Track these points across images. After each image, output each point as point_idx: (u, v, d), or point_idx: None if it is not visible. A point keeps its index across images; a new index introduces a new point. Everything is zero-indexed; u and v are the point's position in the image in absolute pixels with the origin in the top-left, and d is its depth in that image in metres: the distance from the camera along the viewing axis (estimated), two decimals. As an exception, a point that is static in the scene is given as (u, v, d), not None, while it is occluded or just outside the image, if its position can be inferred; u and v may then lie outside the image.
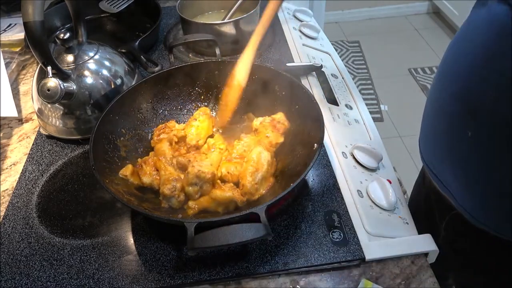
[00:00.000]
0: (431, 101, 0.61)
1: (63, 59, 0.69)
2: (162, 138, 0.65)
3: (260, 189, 0.58)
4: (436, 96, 0.59)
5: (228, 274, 0.53)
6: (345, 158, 0.67)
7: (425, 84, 2.38)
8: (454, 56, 0.55)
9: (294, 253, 0.54)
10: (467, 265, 0.67)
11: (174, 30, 1.05)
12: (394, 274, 0.52)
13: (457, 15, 2.64)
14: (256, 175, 0.58)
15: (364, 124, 0.77)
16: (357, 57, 2.64)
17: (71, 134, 0.73)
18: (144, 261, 0.55)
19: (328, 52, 0.97)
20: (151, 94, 0.70)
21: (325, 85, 0.83)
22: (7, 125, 0.81)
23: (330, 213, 0.59)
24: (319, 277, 0.53)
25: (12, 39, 0.96)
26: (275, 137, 0.64)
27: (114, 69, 0.74)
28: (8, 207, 0.63)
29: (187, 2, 0.97)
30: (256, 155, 0.60)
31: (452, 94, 0.54)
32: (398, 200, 0.61)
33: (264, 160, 0.59)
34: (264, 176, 0.59)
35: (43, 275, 0.54)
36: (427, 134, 0.64)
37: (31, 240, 0.58)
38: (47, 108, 0.72)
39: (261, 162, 0.59)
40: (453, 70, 0.54)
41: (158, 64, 0.85)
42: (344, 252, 0.53)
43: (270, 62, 0.91)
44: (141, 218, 0.60)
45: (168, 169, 0.60)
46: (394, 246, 0.54)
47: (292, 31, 1.00)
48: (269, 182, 0.60)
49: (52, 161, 0.71)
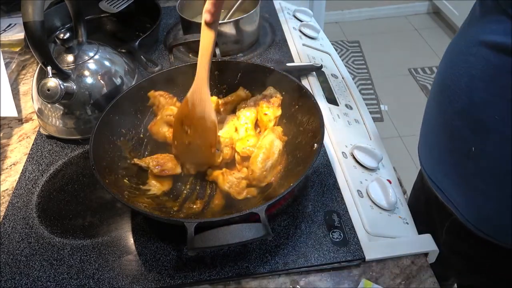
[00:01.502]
0: (433, 114, 0.61)
1: (63, 59, 0.69)
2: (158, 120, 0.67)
3: (268, 177, 0.59)
4: (439, 110, 0.59)
5: (228, 274, 0.53)
6: (345, 158, 0.67)
7: (425, 84, 2.38)
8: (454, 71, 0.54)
9: (294, 253, 0.54)
10: (468, 267, 0.67)
11: (174, 30, 1.05)
12: (394, 274, 0.52)
13: (457, 15, 2.64)
14: (266, 163, 0.59)
15: (364, 124, 0.77)
16: (357, 57, 2.64)
17: (71, 134, 0.73)
18: (144, 261, 0.55)
19: (328, 52, 0.97)
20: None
21: (325, 85, 0.83)
22: (7, 125, 0.81)
23: (330, 213, 0.59)
24: (319, 277, 0.53)
25: (12, 39, 0.96)
26: (273, 112, 0.65)
27: (114, 69, 0.74)
28: (8, 207, 0.63)
29: (187, 2, 0.97)
30: (269, 143, 0.60)
31: (455, 110, 0.53)
32: (398, 200, 0.61)
33: (276, 149, 0.60)
34: (274, 164, 0.60)
35: (43, 275, 0.54)
36: (429, 146, 0.63)
37: (31, 240, 0.58)
38: (47, 108, 0.72)
39: (273, 150, 0.60)
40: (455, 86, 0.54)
41: (158, 64, 0.86)
42: (344, 252, 0.53)
43: (270, 62, 0.91)
44: (141, 218, 0.60)
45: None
46: (394, 246, 0.54)
47: (292, 31, 1.00)
48: (277, 171, 0.61)
49: (52, 161, 0.71)
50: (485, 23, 0.49)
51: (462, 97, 0.52)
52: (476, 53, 0.49)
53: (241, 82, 0.71)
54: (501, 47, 0.46)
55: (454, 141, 0.55)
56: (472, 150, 0.51)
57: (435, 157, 0.62)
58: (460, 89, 0.52)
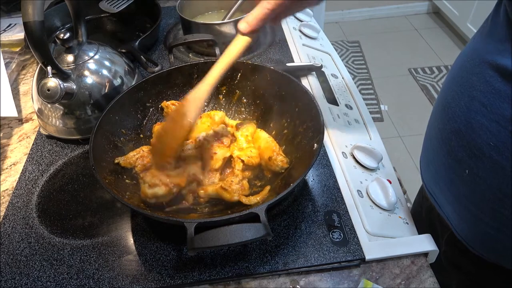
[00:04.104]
0: (433, 130, 0.60)
1: (63, 59, 0.69)
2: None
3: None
4: (438, 126, 0.57)
5: (228, 274, 0.53)
6: (345, 158, 0.67)
7: (425, 84, 2.38)
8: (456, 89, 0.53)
9: (294, 253, 0.54)
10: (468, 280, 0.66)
11: (174, 30, 1.05)
12: (394, 274, 0.52)
13: (457, 15, 2.64)
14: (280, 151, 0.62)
15: (364, 124, 0.77)
16: (357, 57, 2.64)
17: (71, 134, 0.73)
18: (144, 261, 0.55)
19: (328, 52, 0.97)
20: (151, 94, 0.70)
21: (325, 85, 0.83)
22: (7, 125, 0.81)
23: (330, 213, 0.59)
24: (319, 277, 0.53)
25: (12, 39, 0.96)
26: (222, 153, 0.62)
27: (114, 69, 0.74)
28: (8, 207, 0.63)
29: (187, 2, 0.97)
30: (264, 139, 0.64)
31: (453, 130, 0.52)
32: (398, 200, 0.61)
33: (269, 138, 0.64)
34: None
35: (43, 275, 0.54)
36: (428, 161, 0.63)
37: (31, 240, 0.58)
38: (47, 108, 0.72)
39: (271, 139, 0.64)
40: (455, 105, 0.52)
41: (158, 64, 0.86)
42: (344, 252, 0.53)
43: (270, 62, 0.91)
44: (141, 218, 0.60)
45: None
46: (394, 246, 0.54)
47: (292, 31, 1.00)
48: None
49: (52, 161, 0.71)
50: (493, 42, 0.47)
51: (460, 117, 0.50)
52: (479, 73, 0.47)
53: (241, 82, 0.71)
54: (504, 70, 0.43)
55: (450, 160, 0.54)
56: (466, 173, 0.50)
57: (432, 172, 0.61)
58: (459, 109, 0.50)
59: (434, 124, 0.60)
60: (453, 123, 0.52)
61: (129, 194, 0.57)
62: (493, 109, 0.45)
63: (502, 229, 0.50)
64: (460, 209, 0.55)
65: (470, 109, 0.48)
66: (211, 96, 0.74)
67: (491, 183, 0.48)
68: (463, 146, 0.50)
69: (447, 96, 0.55)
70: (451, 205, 0.57)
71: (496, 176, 0.47)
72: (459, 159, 0.52)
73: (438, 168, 0.59)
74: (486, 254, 0.56)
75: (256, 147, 0.64)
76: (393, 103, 2.27)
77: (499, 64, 0.44)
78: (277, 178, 0.61)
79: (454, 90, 0.53)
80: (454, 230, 0.58)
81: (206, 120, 0.68)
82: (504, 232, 0.50)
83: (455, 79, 0.54)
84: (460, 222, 0.57)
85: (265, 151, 0.62)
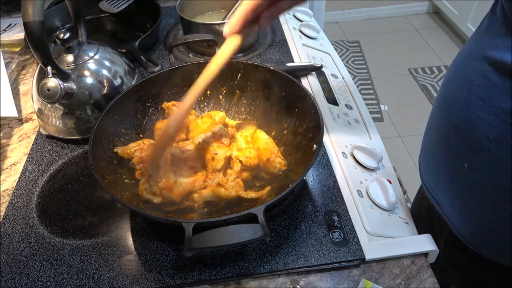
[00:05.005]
0: (433, 128, 0.60)
1: (63, 59, 0.69)
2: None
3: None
4: (438, 124, 0.58)
5: (228, 274, 0.53)
6: (345, 158, 0.67)
7: (425, 84, 2.38)
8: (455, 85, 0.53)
9: (294, 253, 0.54)
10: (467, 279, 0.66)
11: (174, 30, 1.05)
12: (394, 274, 0.52)
13: (457, 15, 2.64)
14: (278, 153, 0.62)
15: (364, 124, 0.77)
16: (357, 57, 2.64)
17: (71, 134, 0.73)
18: (144, 261, 0.55)
19: (328, 52, 0.97)
20: (151, 94, 0.70)
21: (325, 85, 0.83)
22: (7, 125, 0.81)
23: (330, 213, 0.59)
24: (319, 277, 0.53)
25: (12, 39, 0.96)
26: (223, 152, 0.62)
27: (114, 69, 0.74)
28: (8, 207, 0.63)
29: (187, 2, 0.97)
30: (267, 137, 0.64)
31: (452, 125, 0.52)
32: (398, 200, 0.61)
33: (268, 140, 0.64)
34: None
35: (43, 275, 0.54)
36: (427, 160, 0.63)
37: (31, 240, 0.58)
38: (47, 108, 0.72)
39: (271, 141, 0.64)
40: (453, 100, 0.53)
41: (158, 64, 0.86)
42: (344, 252, 0.53)
43: (270, 62, 0.91)
44: (140, 218, 0.60)
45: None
46: (394, 246, 0.54)
47: (292, 31, 1.00)
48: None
49: (52, 161, 0.71)
50: (490, 37, 0.48)
51: (459, 112, 0.51)
52: (477, 68, 0.48)
53: (241, 82, 0.71)
54: (501, 65, 0.44)
55: (449, 157, 0.54)
56: (465, 167, 0.51)
57: (432, 171, 0.61)
58: (458, 104, 0.51)
59: (433, 123, 0.60)
60: (452, 118, 0.52)
61: (129, 194, 0.57)
62: (491, 103, 0.46)
63: (503, 223, 0.50)
64: (460, 205, 0.55)
65: (468, 103, 0.49)
66: (211, 97, 0.75)
67: (491, 176, 0.48)
68: (462, 141, 0.51)
69: (446, 93, 0.55)
70: (451, 203, 0.57)
71: (495, 170, 0.47)
72: (459, 154, 0.52)
73: (438, 167, 0.59)
74: (486, 252, 0.55)
75: (255, 148, 0.64)
76: (393, 103, 2.27)
77: (497, 58, 0.45)
78: (276, 179, 0.61)
79: (452, 87, 0.53)
80: (454, 228, 0.58)
81: (207, 120, 0.68)
82: (504, 226, 0.50)
83: (454, 76, 0.54)
84: (460, 220, 0.57)
85: (263, 153, 0.62)
